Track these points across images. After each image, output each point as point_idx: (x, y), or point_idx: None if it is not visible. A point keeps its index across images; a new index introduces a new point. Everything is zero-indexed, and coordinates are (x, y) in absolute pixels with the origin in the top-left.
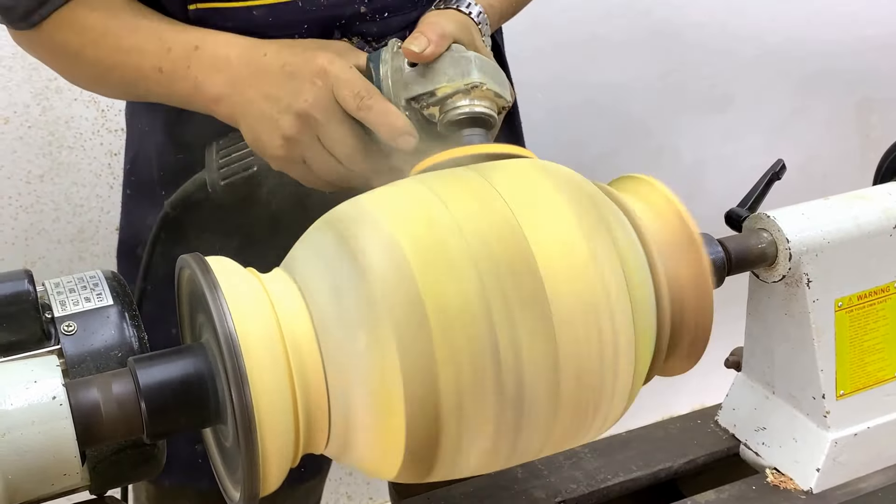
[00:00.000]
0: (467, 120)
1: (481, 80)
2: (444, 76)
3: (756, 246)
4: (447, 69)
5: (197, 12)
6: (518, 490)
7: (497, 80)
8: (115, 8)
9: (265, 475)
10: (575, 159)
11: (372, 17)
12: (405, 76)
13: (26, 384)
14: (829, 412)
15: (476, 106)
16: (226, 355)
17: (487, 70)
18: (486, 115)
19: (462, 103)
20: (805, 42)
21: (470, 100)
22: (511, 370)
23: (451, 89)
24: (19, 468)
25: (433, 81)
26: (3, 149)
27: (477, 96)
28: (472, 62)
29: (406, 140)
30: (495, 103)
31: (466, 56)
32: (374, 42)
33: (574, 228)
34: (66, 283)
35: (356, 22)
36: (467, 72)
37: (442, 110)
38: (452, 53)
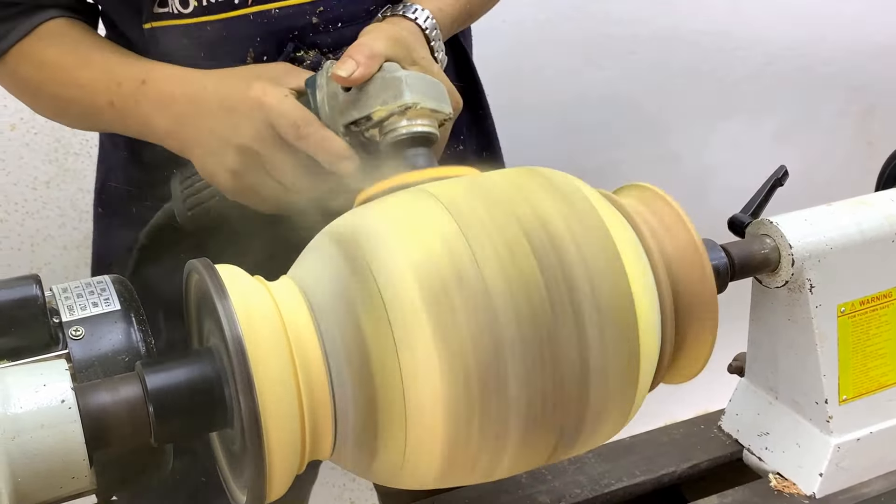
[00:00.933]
0: (407, 140)
1: (414, 100)
2: (378, 99)
3: (759, 252)
4: (379, 92)
5: (152, 31)
6: (522, 495)
7: (433, 96)
8: (72, 42)
9: (271, 480)
10: (578, 165)
11: (325, 27)
12: (340, 102)
13: (35, 388)
14: (832, 417)
15: (414, 126)
16: (234, 360)
17: (420, 88)
18: (425, 133)
19: (399, 125)
20: (808, 49)
21: (407, 120)
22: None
23: (386, 112)
24: (28, 471)
25: (367, 105)
26: (9, 155)
27: (413, 115)
28: (404, 82)
29: (345, 165)
30: (434, 118)
31: (397, 76)
32: (329, 53)
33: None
34: (74, 288)
35: (309, 33)
36: (399, 93)
37: (381, 133)
38: (384, 74)
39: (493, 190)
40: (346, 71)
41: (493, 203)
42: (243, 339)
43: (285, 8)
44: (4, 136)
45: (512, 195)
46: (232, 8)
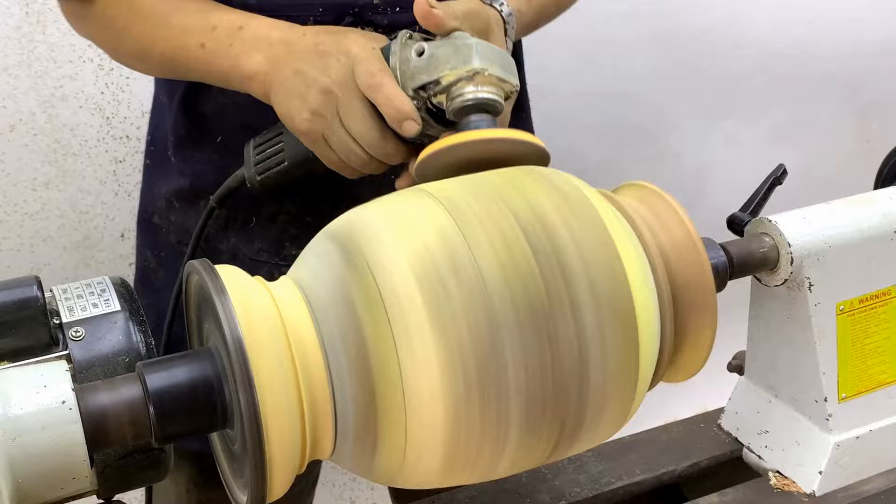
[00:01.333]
0: (473, 106)
1: (483, 66)
2: (447, 64)
3: (758, 250)
4: (450, 57)
5: None
6: (522, 494)
7: (501, 65)
8: None
9: (272, 480)
10: (577, 165)
11: (384, 9)
12: (412, 66)
13: (36, 389)
14: (832, 415)
15: (480, 92)
16: (234, 360)
17: (490, 56)
18: (490, 100)
19: (467, 90)
20: (806, 48)
21: (474, 86)
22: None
23: (455, 76)
24: (29, 472)
25: (437, 70)
26: (8, 156)
27: (481, 82)
28: (474, 48)
29: (410, 125)
30: (501, 88)
31: (468, 43)
32: (383, 34)
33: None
34: (74, 289)
35: (368, 12)
36: (468, 58)
37: (448, 98)
38: (455, 41)
39: (488, 186)
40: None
41: (487, 197)
42: (243, 339)
43: None
44: (4, 136)
45: (507, 190)
46: None
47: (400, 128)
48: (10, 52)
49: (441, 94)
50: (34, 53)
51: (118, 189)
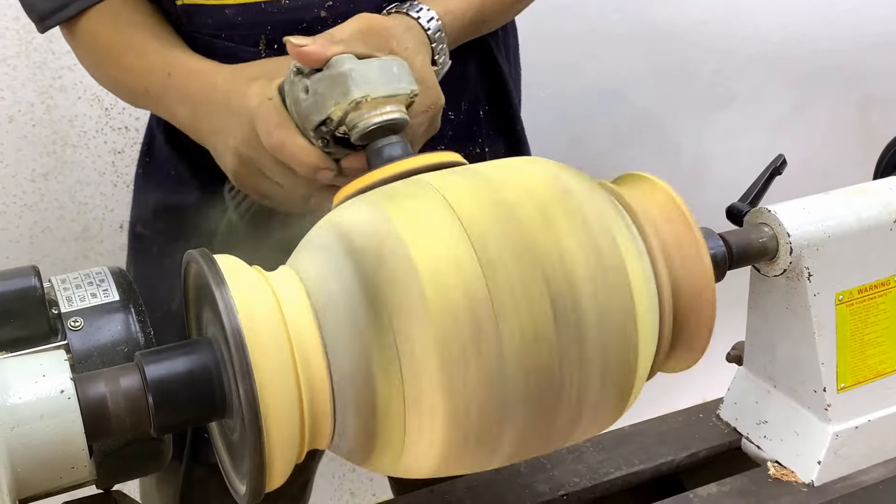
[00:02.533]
0: (372, 132)
1: (363, 94)
2: (330, 99)
3: (757, 240)
4: (330, 91)
5: (184, 7)
6: (521, 484)
7: (384, 81)
8: (123, 24)
9: (271, 469)
10: (577, 156)
11: (333, 21)
12: (303, 107)
13: (35, 378)
14: (830, 405)
15: (372, 118)
16: (232, 349)
17: (368, 77)
18: (385, 122)
19: (359, 120)
20: (806, 39)
21: (366, 112)
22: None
23: (341, 111)
24: (28, 461)
25: (324, 107)
26: (7, 147)
27: (369, 108)
28: (349, 77)
29: (323, 175)
30: (394, 103)
31: (342, 71)
32: None
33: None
34: (73, 279)
35: (318, 26)
36: (346, 90)
37: (347, 129)
38: (331, 72)
39: (522, 223)
40: (299, 40)
41: (521, 250)
42: (242, 328)
43: (295, 0)
44: (2, 128)
45: (540, 237)
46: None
47: (315, 178)
48: (9, 43)
49: (341, 126)
50: (32, 44)
51: (117, 180)
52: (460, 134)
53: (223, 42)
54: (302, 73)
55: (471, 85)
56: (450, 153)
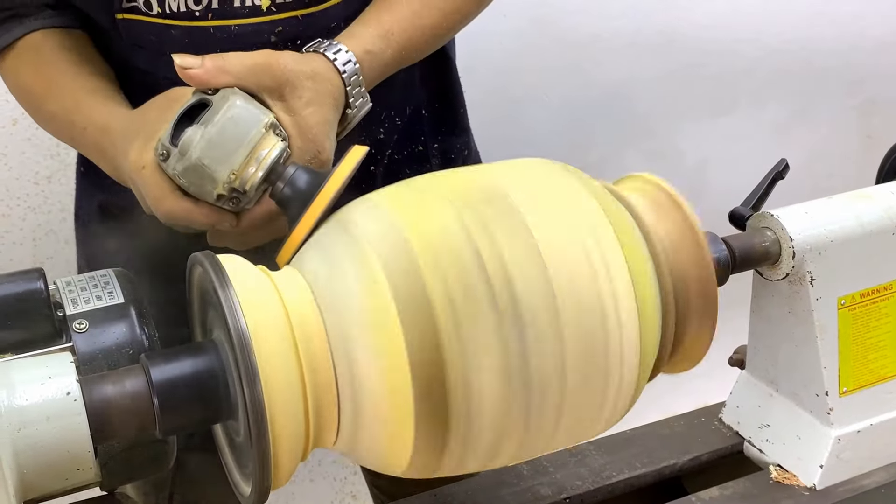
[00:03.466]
0: (267, 178)
1: (229, 171)
2: (208, 185)
3: (760, 244)
4: (202, 181)
5: (123, 21)
6: (523, 487)
7: (236, 144)
8: (44, 63)
9: (276, 470)
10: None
11: (284, 46)
12: (192, 191)
13: (41, 380)
14: (833, 409)
15: (256, 174)
16: (237, 351)
17: (218, 154)
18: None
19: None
20: (808, 43)
21: (245, 174)
22: (500, 283)
23: (225, 190)
24: (34, 463)
25: (209, 192)
26: (11, 150)
27: (244, 171)
28: (204, 167)
29: (223, 226)
30: (262, 145)
31: (195, 164)
32: None
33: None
34: (78, 281)
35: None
36: (212, 177)
37: (245, 189)
38: (186, 165)
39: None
40: (187, 61)
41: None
42: (247, 330)
43: (245, 26)
44: (6, 131)
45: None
46: (193, 19)
47: (218, 229)
48: None
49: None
50: None
51: None
52: (404, 136)
53: (167, 58)
54: (166, 159)
55: (416, 90)
56: (352, 153)
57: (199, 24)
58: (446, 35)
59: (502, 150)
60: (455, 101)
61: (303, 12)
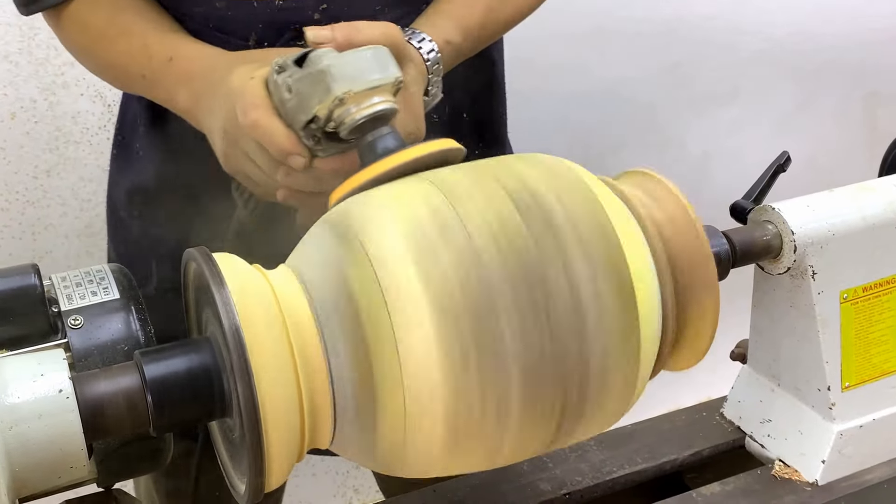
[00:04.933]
0: (364, 125)
1: (344, 90)
2: (314, 98)
3: (761, 238)
4: (313, 90)
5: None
6: (524, 483)
7: (366, 71)
8: (115, 8)
9: (270, 469)
10: (581, 153)
11: (326, 24)
12: (288, 107)
13: (33, 377)
14: (835, 404)
15: (359, 112)
16: (231, 349)
17: (348, 71)
18: (374, 114)
19: (344, 116)
20: (811, 35)
21: (352, 107)
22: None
23: (326, 109)
24: (26, 461)
25: (308, 107)
26: (10, 144)
27: (353, 102)
28: (328, 74)
29: (295, 161)
30: (380, 93)
31: (321, 69)
32: None
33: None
34: (73, 277)
35: None
36: (327, 88)
37: (336, 125)
38: (310, 69)
39: (481, 166)
40: (317, 37)
41: (478, 175)
42: (241, 327)
43: (288, 1)
44: (5, 124)
45: (498, 169)
46: None
47: (287, 164)
48: (11, 39)
49: (330, 123)
50: (35, 41)
51: None
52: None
53: (212, 31)
54: (283, 71)
55: (456, 92)
56: (444, 140)
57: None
58: (517, 22)
59: None
60: (496, 112)
61: None
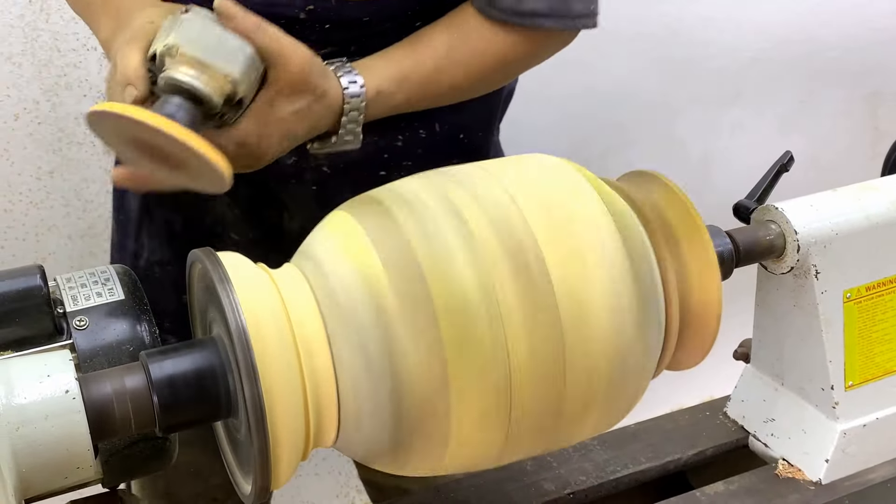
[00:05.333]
0: (168, 87)
1: (177, 44)
2: (161, 39)
3: (764, 238)
4: (166, 33)
5: None
6: (528, 482)
7: (212, 49)
8: None
9: (276, 468)
10: (583, 154)
11: (311, 24)
12: (159, 34)
13: (40, 378)
14: (838, 403)
15: (172, 71)
16: (237, 349)
17: (193, 34)
18: (176, 80)
19: (163, 68)
20: (813, 35)
21: (171, 62)
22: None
23: (160, 50)
24: (33, 462)
25: (157, 40)
26: (13, 145)
27: (178, 61)
28: (180, 23)
29: (128, 91)
30: (203, 74)
31: (181, 17)
32: (315, 48)
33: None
34: (78, 278)
35: (295, 25)
36: (168, 32)
37: (156, 73)
38: (179, 15)
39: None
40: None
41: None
42: (247, 328)
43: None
44: (8, 125)
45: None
46: None
47: (123, 93)
48: (14, 41)
49: (156, 67)
50: (38, 42)
51: None
52: (431, 153)
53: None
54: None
55: (447, 112)
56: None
57: None
58: (467, 94)
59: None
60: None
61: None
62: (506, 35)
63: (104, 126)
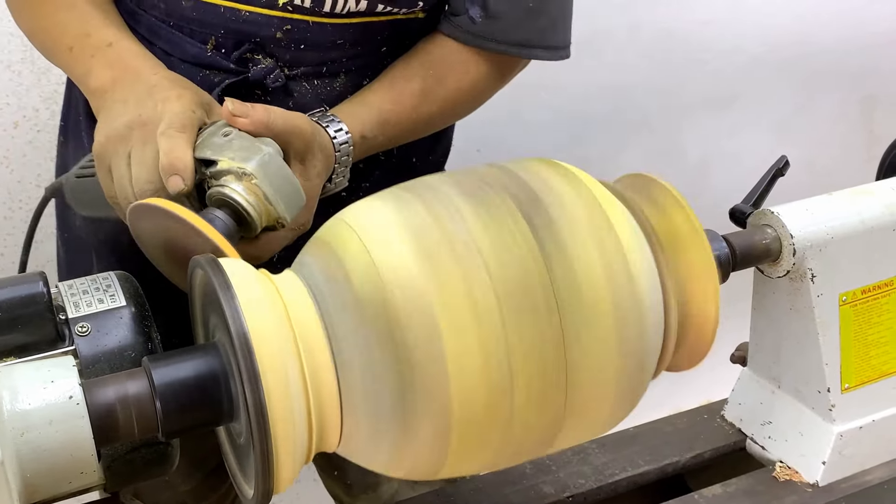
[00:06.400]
0: (221, 200)
1: (256, 173)
2: (232, 153)
3: (760, 242)
4: (238, 148)
5: None
6: (526, 485)
7: (278, 186)
8: None
9: (278, 473)
10: (580, 157)
11: (286, 44)
12: (209, 141)
13: (43, 384)
14: (835, 406)
15: (236, 192)
16: (239, 354)
17: (272, 171)
18: (237, 203)
19: (227, 184)
20: (809, 39)
21: (236, 185)
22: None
23: (227, 166)
24: (37, 467)
25: (222, 152)
26: (13, 153)
27: (246, 186)
28: (262, 156)
29: (175, 181)
30: (263, 204)
31: (263, 148)
32: (285, 68)
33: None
34: (80, 284)
35: (270, 44)
36: (249, 158)
37: (213, 184)
38: (258, 141)
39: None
40: (236, 110)
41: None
42: (248, 333)
43: (254, 14)
44: (8, 133)
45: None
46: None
47: (167, 181)
48: (14, 49)
49: (210, 178)
50: (37, 51)
51: None
52: (392, 173)
53: (169, 29)
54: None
55: None
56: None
57: (210, 1)
58: (440, 126)
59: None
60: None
61: (314, 19)
62: (479, 66)
63: (145, 218)
